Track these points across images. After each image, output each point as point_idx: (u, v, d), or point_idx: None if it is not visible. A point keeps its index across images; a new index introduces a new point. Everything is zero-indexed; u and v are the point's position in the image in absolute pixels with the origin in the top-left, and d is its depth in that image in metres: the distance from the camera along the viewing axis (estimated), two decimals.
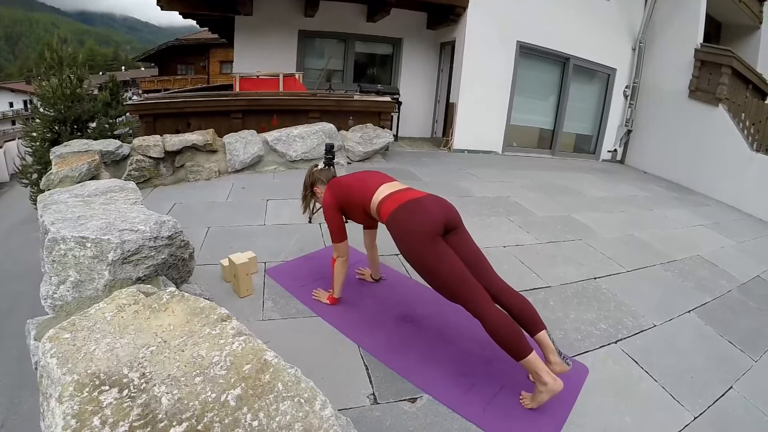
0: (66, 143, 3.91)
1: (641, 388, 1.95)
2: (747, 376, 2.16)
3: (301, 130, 4.96)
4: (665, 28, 7.36)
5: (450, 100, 7.30)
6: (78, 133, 7.12)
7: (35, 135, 7.27)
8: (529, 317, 1.73)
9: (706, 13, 6.90)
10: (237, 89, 6.71)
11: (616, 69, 7.76)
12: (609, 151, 8.20)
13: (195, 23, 9.58)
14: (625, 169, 7.64)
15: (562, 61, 7.47)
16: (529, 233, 3.63)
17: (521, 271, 2.93)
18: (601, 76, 7.90)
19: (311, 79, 7.79)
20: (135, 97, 13.12)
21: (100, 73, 33.04)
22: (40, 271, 1.46)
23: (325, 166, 2.42)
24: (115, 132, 8.16)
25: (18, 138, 12.78)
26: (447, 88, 7.68)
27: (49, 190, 2.28)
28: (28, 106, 27.21)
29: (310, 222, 3.02)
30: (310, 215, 2.44)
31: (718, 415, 1.85)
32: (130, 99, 8.69)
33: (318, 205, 2.33)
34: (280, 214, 3.52)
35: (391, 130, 6.15)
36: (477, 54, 6.80)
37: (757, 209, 5.66)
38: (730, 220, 5.24)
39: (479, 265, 1.80)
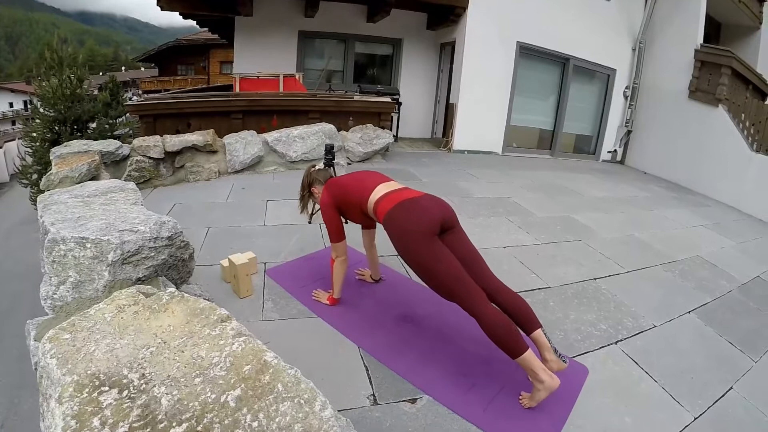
0: (66, 144, 3.91)
1: (641, 389, 1.95)
2: (747, 376, 2.17)
3: (301, 130, 4.97)
4: (665, 29, 7.36)
5: (450, 101, 7.30)
6: (78, 134, 7.11)
7: (35, 135, 7.26)
8: (525, 316, 1.74)
9: (706, 14, 6.90)
10: (237, 90, 6.70)
11: (616, 69, 7.76)
12: (609, 151, 8.20)
13: (195, 24, 9.58)
14: (625, 170, 7.64)
15: (562, 62, 7.47)
16: (529, 234, 3.63)
17: (521, 271, 2.93)
18: (601, 76, 7.90)
19: (311, 80, 7.79)
20: (135, 97, 13.12)
21: (100, 73, 33.04)
22: (40, 272, 1.46)
23: (325, 167, 2.42)
24: (115, 132, 8.15)
25: (18, 138, 12.77)
26: (447, 88, 7.68)
27: (49, 190, 2.28)
28: (28, 106, 27.22)
29: (310, 222, 3.02)
30: (310, 216, 2.44)
31: (718, 416, 1.85)
32: (130, 99, 8.69)
33: (317, 206, 2.34)
34: (280, 214, 3.52)
35: (391, 130, 6.16)
36: (477, 54, 6.80)
37: (757, 209, 5.66)
38: (730, 220, 5.24)
39: (475, 264, 1.81)
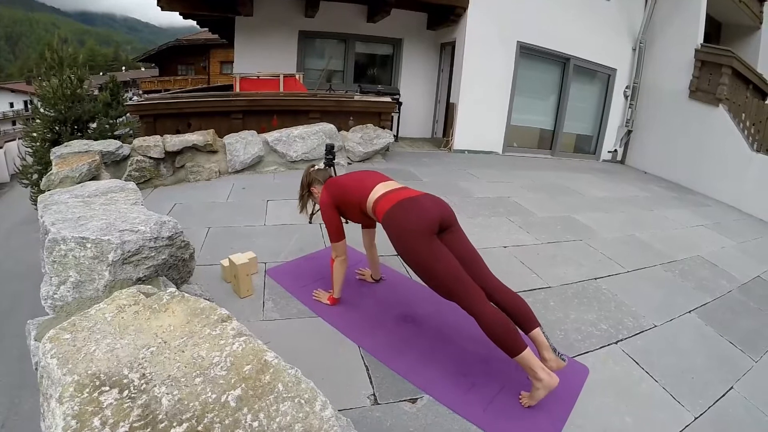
0: (66, 144, 3.92)
1: (642, 389, 1.95)
2: (747, 376, 2.16)
3: (302, 130, 4.97)
4: (665, 29, 7.36)
5: (450, 101, 7.30)
6: (78, 134, 7.11)
7: (35, 135, 7.26)
8: (524, 315, 1.75)
9: (707, 13, 6.89)
10: (237, 89, 6.71)
11: (616, 69, 7.76)
12: (609, 151, 8.20)
13: (195, 24, 9.58)
14: (625, 170, 7.64)
15: (562, 62, 7.47)
16: (530, 233, 3.63)
17: (522, 271, 2.93)
18: (602, 76, 7.90)
19: (311, 80, 7.79)
20: (135, 97, 13.13)
21: (101, 73, 33.05)
22: (41, 272, 1.46)
23: (325, 167, 2.42)
24: (116, 132, 8.14)
25: (18, 138, 12.77)
26: (447, 88, 7.68)
27: (49, 190, 2.28)
28: (29, 106, 27.23)
29: (310, 222, 3.03)
30: (310, 216, 2.44)
31: (719, 416, 1.85)
32: (130, 99, 8.69)
33: (316, 206, 2.34)
34: (281, 214, 3.52)
35: (391, 130, 6.16)
36: (477, 54, 6.80)
37: (758, 209, 5.66)
38: (730, 220, 5.24)
39: (474, 264, 1.81)
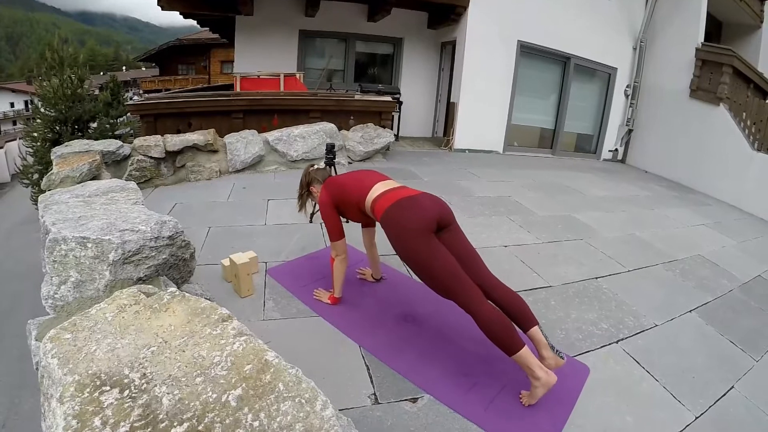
0: (67, 143, 3.92)
1: (642, 388, 1.94)
2: (748, 375, 2.16)
3: (302, 129, 4.96)
4: (666, 28, 7.34)
5: (451, 100, 7.29)
6: (79, 134, 7.12)
7: (36, 135, 7.27)
8: (522, 313, 1.75)
9: (707, 12, 6.88)
10: (238, 89, 6.71)
11: (616, 68, 7.75)
12: (610, 150, 8.19)
13: (196, 23, 9.59)
14: (626, 169, 7.63)
15: (562, 61, 7.45)
16: (530, 233, 3.62)
17: (522, 270, 2.93)
18: (602, 75, 7.88)
19: (312, 79, 7.78)
20: (136, 97, 13.14)
21: (101, 73, 33.07)
22: (41, 272, 1.46)
23: (325, 166, 2.42)
24: (116, 132, 8.17)
25: (19, 138, 12.79)
26: (448, 87, 7.67)
27: (50, 190, 2.28)
28: (29, 106, 27.23)
29: (310, 222, 3.02)
30: (311, 215, 2.44)
31: (720, 415, 1.85)
32: (131, 99, 8.69)
33: (316, 205, 2.34)
34: (281, 213, 3.52)
35: (391, 129, 6.15)
36: (478, 53, 6.79)
37: (758, 208, 5.65)
38: (731, 219, 5.23)
39: (472, 262, 1.81)
